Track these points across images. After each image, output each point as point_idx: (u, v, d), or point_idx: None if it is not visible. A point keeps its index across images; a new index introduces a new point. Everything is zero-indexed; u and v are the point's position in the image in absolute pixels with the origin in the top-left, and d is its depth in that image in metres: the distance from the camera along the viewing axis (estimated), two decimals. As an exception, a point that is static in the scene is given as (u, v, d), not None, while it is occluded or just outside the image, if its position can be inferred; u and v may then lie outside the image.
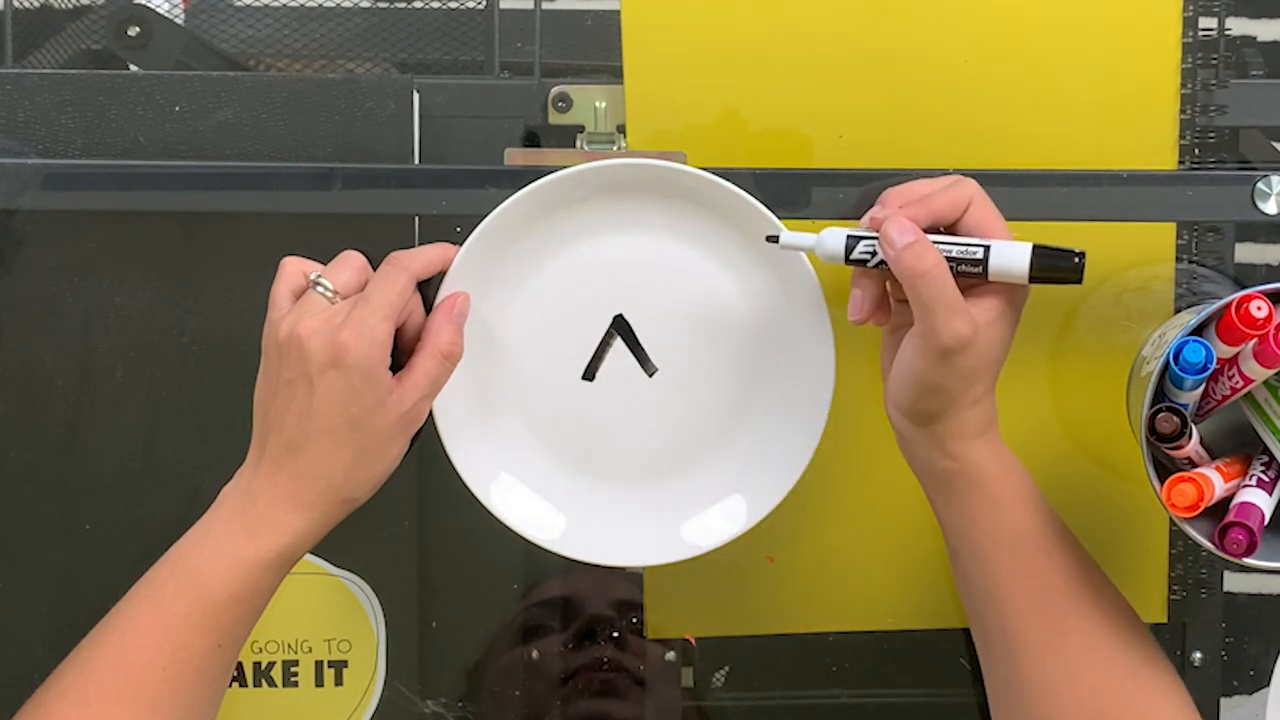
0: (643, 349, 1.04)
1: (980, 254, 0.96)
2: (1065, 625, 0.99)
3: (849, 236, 0.98)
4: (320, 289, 0.98)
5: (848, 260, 0.98)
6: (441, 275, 1.01)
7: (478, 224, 1.01)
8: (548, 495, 1.05)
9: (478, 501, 1.03)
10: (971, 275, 0.97)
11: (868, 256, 0.97)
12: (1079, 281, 0.96)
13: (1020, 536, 0.99)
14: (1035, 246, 0.96)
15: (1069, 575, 1.00)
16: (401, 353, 0.99)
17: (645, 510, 1.05)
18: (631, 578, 1.16)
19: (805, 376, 1.03)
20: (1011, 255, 0.96)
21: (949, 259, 0.96)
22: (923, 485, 1.02)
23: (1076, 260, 0.97)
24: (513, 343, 1.04)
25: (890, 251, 0.95)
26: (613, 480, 1.06)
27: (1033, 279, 0.96)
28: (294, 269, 1.00)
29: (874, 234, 0.97)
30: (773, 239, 1.00)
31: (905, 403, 0.99)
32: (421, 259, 0.99)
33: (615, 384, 1.05)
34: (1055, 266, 0.96)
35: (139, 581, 0.98)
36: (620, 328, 1.04)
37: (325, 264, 1.00)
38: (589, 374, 1.04)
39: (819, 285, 1.03)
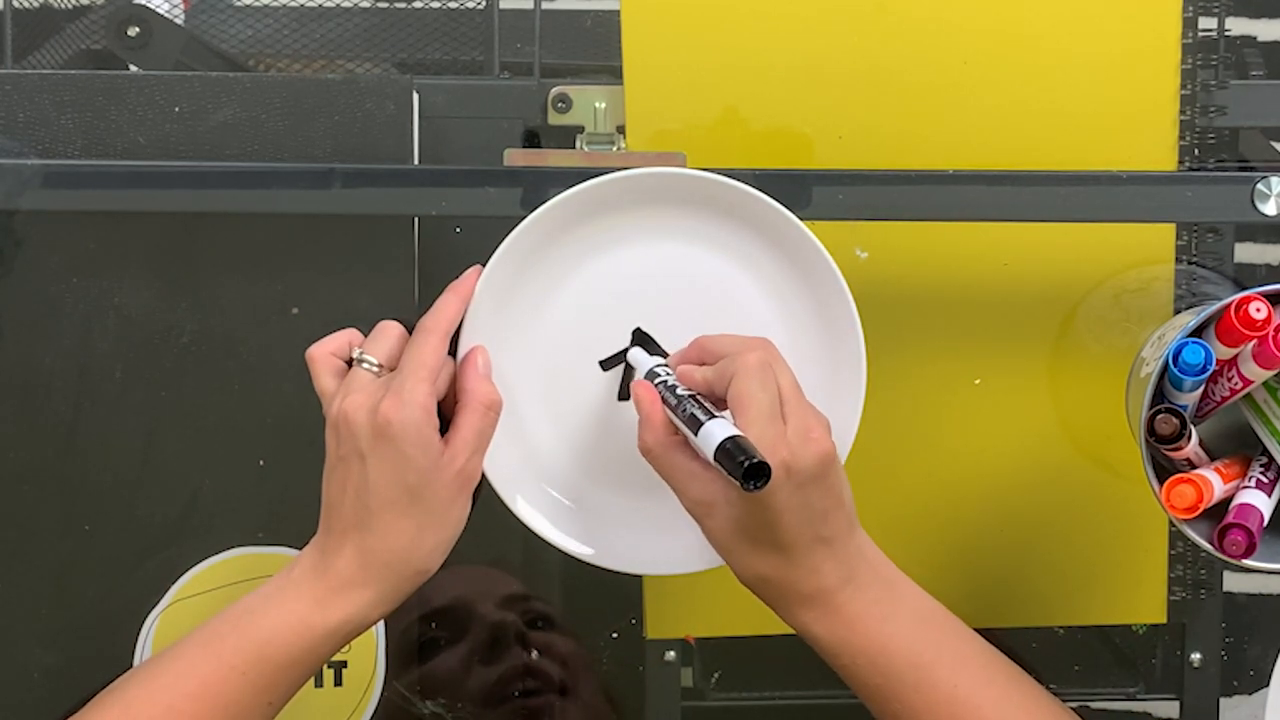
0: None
1: (695, 430, 0.93)
2: None
3: (651, 370, 0.99)
4: (366, 364, 0.99)
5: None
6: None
7: (495, 249, 1.00)
8: (578, 504, 1.04)
9: (476, 503, 1.03)
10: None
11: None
12: (744, 487, 0.89)
13: (889, 683, 0.98)
14: (729, 439, 0.91)
15: (954, 694, 0.98)
16: (440, 416, 0.99)
17: (676, 522, 1.03)
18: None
19: (835, 388, 1.02)
20: (707, 438, 0.92)
21: (689, 417, 0.94)
22: None
23: (744, 463, 0.89)
24: (541, 362, 1.03)
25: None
26: (643, 492, 1.04)
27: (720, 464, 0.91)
28: (321, 355, 1.00)
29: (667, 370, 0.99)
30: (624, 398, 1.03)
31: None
32: (443, 315, 0.99)
33: None
34: (727, 465, 0.90)
35: (196, 630, 0.99)
36: (641, 340, 1.03)
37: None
38: (624, 394, 1.03)
39: (852, 301, 1.01)
